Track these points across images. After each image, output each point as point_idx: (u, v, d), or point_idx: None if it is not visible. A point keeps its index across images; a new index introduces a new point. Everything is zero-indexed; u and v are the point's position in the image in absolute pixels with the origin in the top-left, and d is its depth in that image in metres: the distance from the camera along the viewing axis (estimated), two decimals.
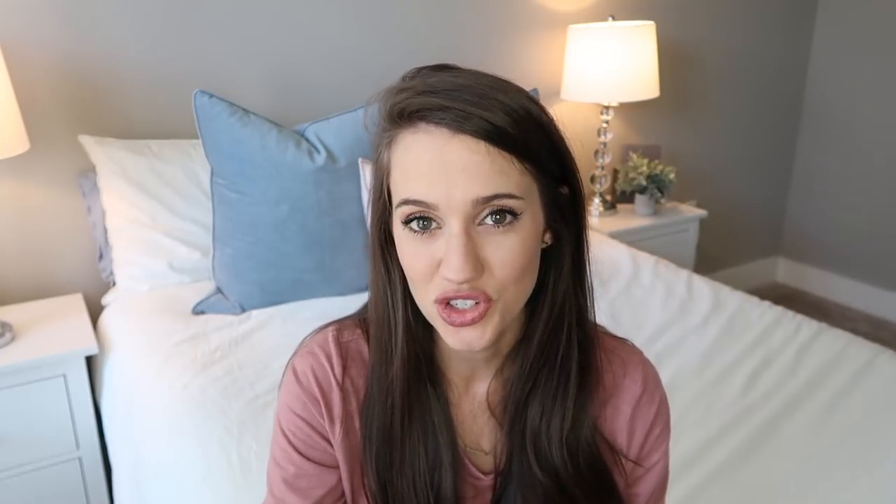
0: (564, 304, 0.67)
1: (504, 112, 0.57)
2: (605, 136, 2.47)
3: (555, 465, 0.69)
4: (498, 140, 0.57)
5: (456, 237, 0.57)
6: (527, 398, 0.69)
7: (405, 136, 0.60)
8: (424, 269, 0.60)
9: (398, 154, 0.60)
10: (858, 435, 1.27)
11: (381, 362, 0.68)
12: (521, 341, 0.69)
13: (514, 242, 0.59)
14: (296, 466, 0.71)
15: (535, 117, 0.60)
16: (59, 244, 1.87)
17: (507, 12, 2.35)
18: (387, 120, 0.61)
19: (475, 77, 0.60)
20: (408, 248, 0.61)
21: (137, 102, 1.88)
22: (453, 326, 0.60)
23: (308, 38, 2.06)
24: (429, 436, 0.69)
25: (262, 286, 1.72)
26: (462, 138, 0.57)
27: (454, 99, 0.57)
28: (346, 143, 1.73)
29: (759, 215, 3.25)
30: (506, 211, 0.58)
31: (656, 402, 0.74)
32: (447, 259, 0.58)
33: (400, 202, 0.60)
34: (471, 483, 0.73)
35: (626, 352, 0.75)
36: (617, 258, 2.07)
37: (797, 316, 1.71)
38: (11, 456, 1.58)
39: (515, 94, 0.60)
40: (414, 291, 0.63)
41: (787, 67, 3.06)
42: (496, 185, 0.57)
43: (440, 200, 0.57)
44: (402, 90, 0.60)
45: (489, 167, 0.57)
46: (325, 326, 0.75)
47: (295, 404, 0.71)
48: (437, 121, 0.57)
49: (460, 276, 0.57)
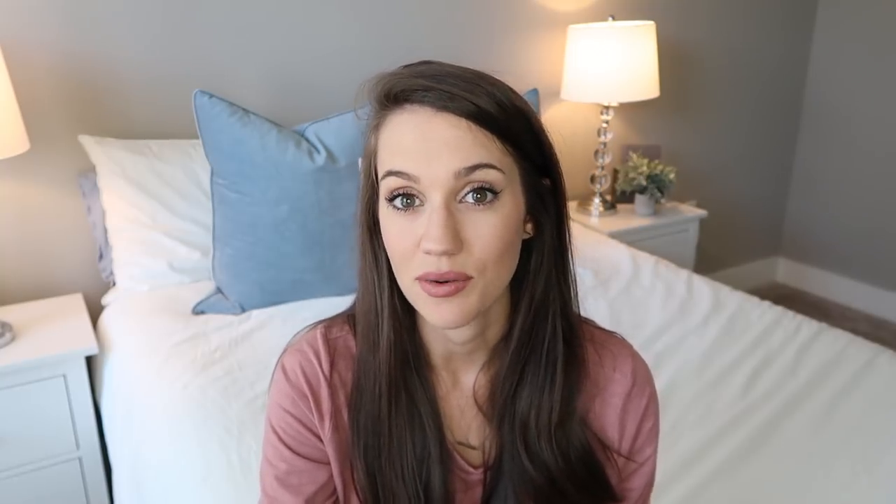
0: (547, 295, 0.68)
1: (487, 96, 0.59)
2: (605, 136, 2.47)
3: (544, 459, 0.69)
4: (480, 120, 0.59)
5: (436, 210, 0.59)
6: (514, 392, 0.70)
7: (391, 118, 0.62)
8: (407, 246, 0.61)
9: (385, 135, 0.62)
10: (858, 435, 1.27)
11: (369, 350, 0.69)
12: (507, 334, 0.70)
13: (495, 220, 0.60)
14: (287, 463, 0.72)
15: (518, 106, 0.62)
16: (59, 244, 1.87)
17: (507, 12, 2.35)
18: (374, 104, 0.63)
19: (461, 68, 0.62)
20: (391, 227, 0.62)
21: (137, 102, 1.88)
22: (433, 297, 0.60)
23: (308, 37, 2.06)
24: (416, 427, 0.70)
25: (262, 286, 1.72)
26: (445, 115, 0.59)
27: (440, 81, 0.59)
28: (346, 143, 1.73)
29: (759, 215, 3.25)
30: (486, 189, 0.59)
31: (646, 394, 0.74)
32: (427, 232, 0.59)
33: (384, 174, 0.61)
34: (460, 477, 0.73)
35: (615, 345, 0.75)
36: (617, 258, 2.07)
37: (797, 316, 1.71)
38: (11, 456, 1.58)
39: (500, 85, 0.62)
40: (397, 272, 0.64)
41: (787, 67, 3.07)
42: (477, 155, 0.59)
43: (422, 173, 0.59)
44: (391, 76, 0.63)
45: (471, 141, 0.59)
46: (315, 325, 0.76)
47: (284, 401, 0.72)
48: (420, 100, 0.59)
49: (439, 246, 0.58)
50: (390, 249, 0.63)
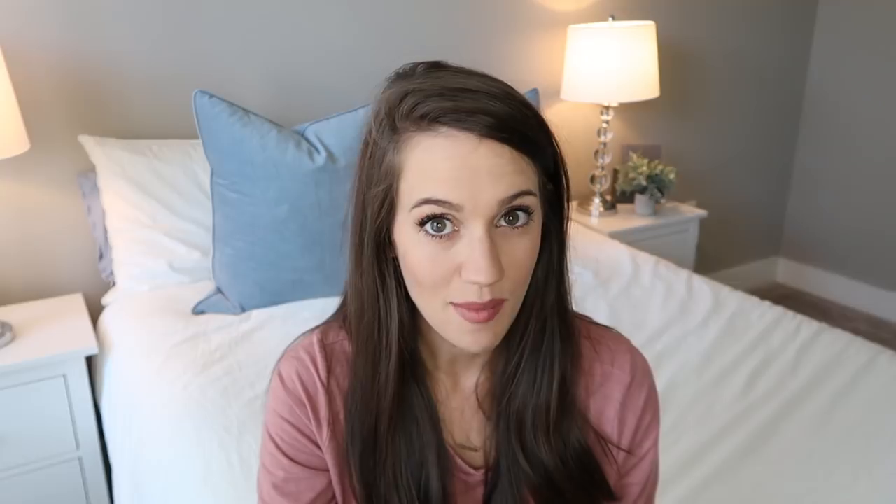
0: (548, 295, 0.68)
1: (520, 114, 0.58)
2: (605, 136, 2.47)
3: (542, 458, 0.69)
4: (519, 143, 0.58)
5: (480, 240, 0.57)
6: (512, 388, 0.70)
7: (422, 139, 0.58)
8: (442, 273, 0.59)
9: (415, 156, 0.59)
10: (858, 435, 1.27)
11: (368, 365, 0.68)
12: (508, 334, 0.69)
13: (528, 243, 0.61)
14: (285, 471, 0.72)
15: (538, 115, 0.61)
16: (59, 244, 1.87)
17: (507, 12, 2.35)
18: (399, 121, 0.60)
19: (481, 79, 0.61)
20: (422, 253, 0.60)
21: (137, 102, 1.88)
22: (471, 323, 0.60)
23: (308, 37, 2.06)
24: (413, 436, 0.70)
25: (262, 286, 1.72)
26: (490, 144, 0.57)
27: (475, 103, 0.57)
28: (346, 143, 1.72)
29: (759, 215, 3.25)
30: (520, 210, 0.59)
31: (645, 388, 0.75)
32: (473, 262, 0.57)
33: (420, 201, 0.58)
34: (461, 479, 0.73)
35: (612, 340, 0.76)
36: (617, 258, 2.07)
37: (797, 316, 1.71)
38: (11, 456, 1.58)
39: (519, 95, 0.61)
40: (420, 296, 0.63)
41: (787, 67, 3.06)
42: (518, 183, 0.58)
43: (465, 202, 0.57)
44: (412, 92, 0.60)
45: (512, 168, 0.58)
46: (312, 330, 0.75)
47: (282, 409, 0.71)
48: (461, 127, 0.57)
49: (489, 278, 0.57)
50: (418, 275, 0.61)
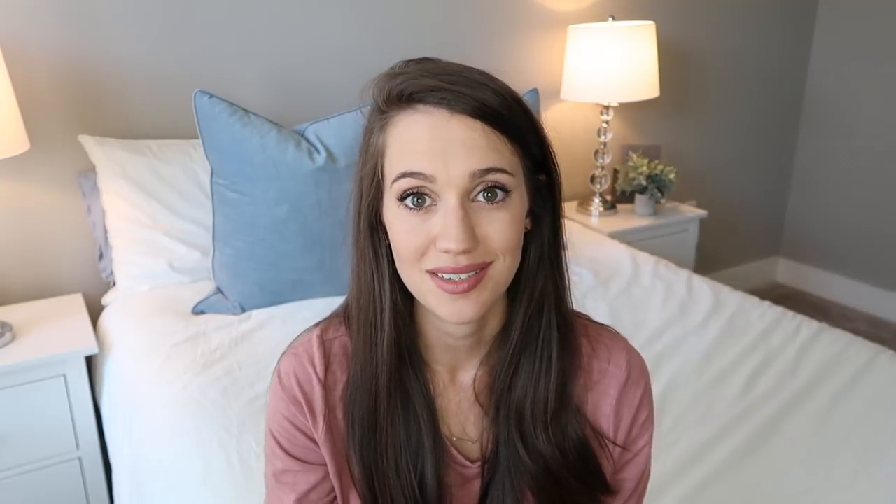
0: (544, 288, 0.69)
1: (496, 95, 0.62)
2: (605, 136, 2.47)
3: (540, 449, 0.70)
4: (492, 120, 0.61)
5: (453, 210, 0.60)
6: (510, 382, 0.71)
7: (402, 117, 0.62)
8: (418, 245, 0.62)
9: (395, 133, 0.63)
10: (858, 435, 1.27)
11: (366, 346, 0.70)
12: (504, 328, 0.72)
13: (506, 217, 0.62)
14: (282, 462, 0.75)
15: (522, 103, 0.64)
16: (59, 244, 1.87)
17: (507, 12, 2.35)
18: (383, 103, 0.64)
19: (466, 67, 0.64)
20: (402, 226, 0.63)
21: (137, 102, 1.88)
22: (449, 294, 0.62)
23: (307, 37, 2.06)
24: (410, 419, 0.71)
25: (261, 286, 1.72)
26: (460, 118, 0.60)
27: (452, 82, 0.61)
28: (346, 143, 1.72)
29: (759, 215, 3.25)
30: (497, 188, 0.62)
31: (641, 386, 0.76)
32: (445, 231, 0.60)
33: (398, 175, 0.62)
34: (457, 471, 0.74)
35: (609, 338, 0.77)
36: (617, 258, 2.07)
37: (797, 316, 1.71)
38: (11, 456, 1.58)
39: (502, 83, 0.64)
40: (402, 269, 0.65)
41: (787, 67, 3.06)
42: (491, 159, 0.61)
43: (438, 172, 0.60)
44: (398, 75, 0.64)
45: (485, 143, 0.61)
46: (314, 326, 0.77)
47: (279, 405, 0.74)
48: (436, 101, 0.61)
49: (460, 245, 0.59)
50: (399, 247, 0.64)
